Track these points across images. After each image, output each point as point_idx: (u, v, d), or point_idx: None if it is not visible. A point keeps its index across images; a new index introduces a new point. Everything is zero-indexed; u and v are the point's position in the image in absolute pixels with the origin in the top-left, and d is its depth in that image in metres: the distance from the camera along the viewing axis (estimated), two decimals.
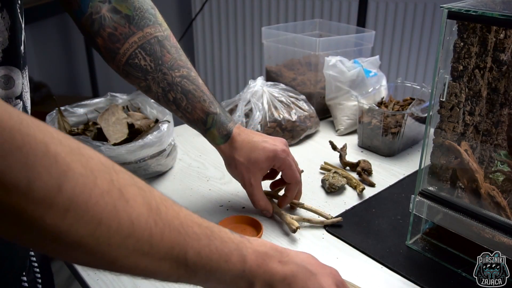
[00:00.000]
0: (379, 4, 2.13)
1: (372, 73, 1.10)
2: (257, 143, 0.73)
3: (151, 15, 0.70)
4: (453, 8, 0.58)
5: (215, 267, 0.40)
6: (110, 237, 0.33)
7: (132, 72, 0.70)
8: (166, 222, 0.37)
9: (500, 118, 0.66)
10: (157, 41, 0.70)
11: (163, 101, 0.73)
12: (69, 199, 0.31)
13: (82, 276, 0.64)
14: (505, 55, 0.62)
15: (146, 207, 0.36)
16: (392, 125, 0.98)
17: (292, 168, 0.74)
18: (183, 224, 0.39)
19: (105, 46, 0.68)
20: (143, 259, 0.36)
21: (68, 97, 2.45)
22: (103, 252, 0.34)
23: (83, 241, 0.32)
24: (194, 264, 0.39)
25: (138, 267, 0.36)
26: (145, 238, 0.35)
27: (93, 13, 0.66)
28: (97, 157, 0.34)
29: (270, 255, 0.45)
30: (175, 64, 0.71)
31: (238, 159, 0.73)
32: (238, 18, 2.38)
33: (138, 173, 0.85)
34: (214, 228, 0.42)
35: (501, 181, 0.67)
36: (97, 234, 0.33)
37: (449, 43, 0.62)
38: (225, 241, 0.42)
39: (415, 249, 0.70)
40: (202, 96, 0.72)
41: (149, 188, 0.38)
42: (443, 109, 0.64)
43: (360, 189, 0.84)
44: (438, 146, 0.66)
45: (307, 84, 1.18)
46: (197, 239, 0.39)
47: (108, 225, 0.33)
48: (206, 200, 0.83)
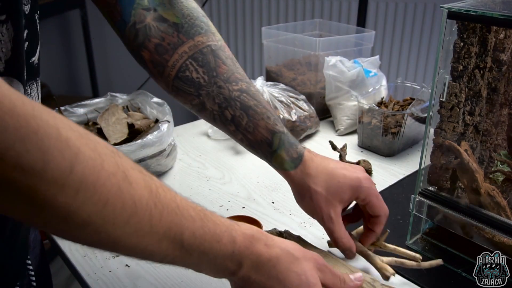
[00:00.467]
0: (379, 4, 2.13)
1: (372, 73, 1.10)
2: (336, 170, 0.62)
3: (202, 22, 0.62)
4: (453, 8, 0.58)
5: (208, 248, 0.42)
6: (115, 216, 0.35)
7: (182, 88, 0.61)
8: (165, 204, 0.39)
9: (500, 118, 0.66)
10: (210, 50, 0.61)
11: (219, 121, 0.63)
12: (80, 180, 0.33)
13: (82, 276, 0.64)
14: (505, 55, 0.62)
15: (147, 189, 0.38)
16: (392, 125, 0.98)
17: (379, 198, 0.63)
18: (179, 206, 0.41)
19: (152, 60, 0.61)
20: (144, 239, 0.38)
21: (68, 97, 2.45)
22: (108, 232, 0.36)
23: (91, 220, 0.34)
24: (189, 245, 0.41)
25: (139, 247, 0.38)
26: (146, 219, 0.37)
27: (137, 23, 0.59)
28: (103, 142, 0.36)
29: (257, 237, 0.47)
30: (232, 76, 0.62)
31: (315, 189, 0.62)
32: (238, 18, 2.38)
33: None
34: (206, 211, 0.44)
35: (501, 181, 0.67)
36: (104, 213, 0.35)
37: (449, 43, 0.62)
38: (217, 223, 0.44)
39: (415, 249, 0.70)
40: (265, 113, 0.62)
41: (148, 173, 0.40)
42: (443, 109, 0.64)
43: None
44: (438, 146, 0.66)
45: (307, 84, 1.18)
46: (192, 220, 0.41)
47: (113, 205, 0.35)
48: (206, 200, 0.83)
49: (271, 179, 0.90)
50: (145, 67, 0.63)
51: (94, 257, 0.68)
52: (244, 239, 0.45)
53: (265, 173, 0.92)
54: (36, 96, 0.53)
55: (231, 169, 0.94)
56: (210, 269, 0.45)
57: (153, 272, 0.65)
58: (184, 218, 0.41)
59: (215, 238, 0.43)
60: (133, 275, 0.64)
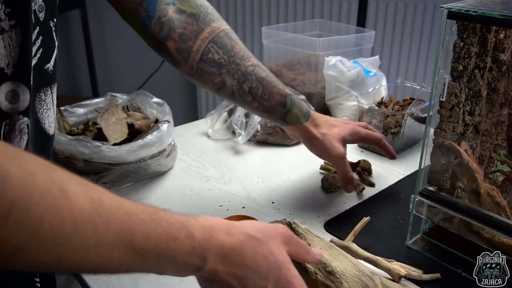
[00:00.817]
0: (379, 4, 2.13)
1: (372, 73, 1.10)
2: (335, 122, 0.80)
3: (212, 10, 0.72)
4: (453, 8, 0.58)
5: (165, 249, 0.40)
6: (53, 236, 0.33)
7: (206, 69, 0.71)
8: (110, 213, 0.37)
9: (500, 118, 0.66)
10: (225, 34, 0.71)
11: (238, 95, 0.73)
12: (9, 205, 0.30)
13: (82, 276, 0.64)
14: (505, 55, 0.62)
15: (88, 200, 0.35)
16: (392, 125, 0.98)
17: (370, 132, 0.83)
18: (127, 212, 0.38)
19: (177, 48, 0.69)
20: (90, 253, 0.36)
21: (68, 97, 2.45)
22: (48, 253, 0.33)
23: (26, 244, 0.32)
24: (143, 249, 0.39)
25: (87, 262, 0.36)
26: (90, 231, 0.35)
27: (161, 17, 0.67)
28: (34, 158, 0.34)
29: (217, 228, 0.45)
30: (245, 54, 0.73)
31: (325, 132, 0.77)
32: (238, 18, 2.38)
33: (138, 173, 0.85)
34: (159, 211, 0.42)
35: (501, 181, 0.67)
36: (40, 234, 0.32)
37: (449, 43, 0.62)
38: (171, 222, 0.42)
39: (415, 249, 0.70)
40: (275, 81, 0.75)
41: (90, 183, 0.37)
42: (443, 109, 0.64)
43: (360, 189, 0.84)
44: (438, 146, 0.66)
45: (307, 84, 1.18)
46: (143, 224, 0.39)
47: (50, 223, 0.32)
48: (206, 200, 0.83)
49: (271, 179, 0.90)
50: (169, 55, 0.70)
51: None
52: (204, 232, 0.43)
53: (265, 173, 0.92)
54: (50, 103, 0.54)
55: (231, 169, 0.94)
56: (172, 269, 0.43)
57: None
58: (134, 222, 0.38)
59: (171, 237, 0.41)
60: (133, 275, 0.64)
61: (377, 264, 0.63)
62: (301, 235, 0.65)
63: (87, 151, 0.78)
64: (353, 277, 0.58)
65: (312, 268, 0.60)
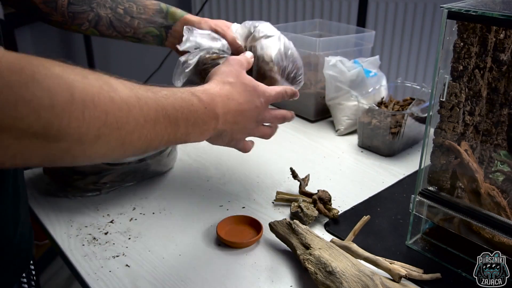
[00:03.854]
0: (379, 4, 2.13)
1: (372, 73, 1.10)
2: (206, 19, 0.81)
3: None
4: (453, 8, 0.58)
5: (187, 113, 0.51)
6: (116, 121, 0.41)
7: (77, 9, 0.74)
8: (143, 95, 0.45)
9: (500, 118, 0.66)
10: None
11: (116, 20, 0.76)
12: (82, 103, 0.38)
13: (82, 276, 0.64)
14: (505, 55, 0.62)
15: (128, 89, 0.44)
16: (392, 125, 0.98)
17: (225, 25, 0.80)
18: (153, 91, 0.48)
19: (44, 1, 0.72)
20: (143, 130, 0.45)
21: None
22: (115, 137, 0.42)
23: (100, 132, 0.40)
24: (175, 118, 0.49)
25: (141, 139, 0.45)
26: (138, 112, 0.44)
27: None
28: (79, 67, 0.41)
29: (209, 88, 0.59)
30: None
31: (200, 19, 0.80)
32: (238, 18, 2.38)
33: (138, 173, 0.85)
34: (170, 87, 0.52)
35: (501, 181, 0.67)
36: (107, 123, 0.40)
37: (449, 43, 0.62)
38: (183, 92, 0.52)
39: (415, 249, 0.70)
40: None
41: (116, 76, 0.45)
42: (443, 109, 0.64)
43: (335, 212, 0.76)
44: (438, 146, 0.66)
45: (307, 84, 1.18)
46: (167, 98, 0.49)
47: (112, 112, 0.41)
48: (206, 200, 0.83)
49: (271, 179, 0.90)
50: (38, 11, 0.73)
51: (94, 257, 0.68)
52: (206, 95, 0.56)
53: (265, 173, 0.92)
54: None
55: (231, 169, 0.94)
56: (197, 133, 0.54)
57: (153, 272, 0.65)
58: (162, 98, 0.48)
59: (189, 103, 0.51)
60: (133, 275, 0.64)
61: (377, 264, 0.63)
62: (301, 235, 0.65)
63: None
64: (353, 277, 0.58)
65: (312, 268, 0.60)
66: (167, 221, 0.77)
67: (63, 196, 0.82)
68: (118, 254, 0.69)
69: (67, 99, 0.36)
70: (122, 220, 0.77)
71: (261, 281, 0.63)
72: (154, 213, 0.79)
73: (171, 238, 0.72)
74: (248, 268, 0.66)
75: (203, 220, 0.77)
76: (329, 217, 0.76)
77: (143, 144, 0.46)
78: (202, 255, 0.68)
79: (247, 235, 0.72)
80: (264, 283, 0.63)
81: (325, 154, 1.00)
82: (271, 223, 0.69)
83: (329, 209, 0.76)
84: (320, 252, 0.61)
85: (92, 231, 0.74)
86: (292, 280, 0.63)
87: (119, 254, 0.69)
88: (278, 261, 0.67)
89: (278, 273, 0.65)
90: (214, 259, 0.68)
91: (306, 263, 0.61)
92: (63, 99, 0.36)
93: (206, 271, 0.65)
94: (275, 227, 0.69)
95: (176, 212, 0.79)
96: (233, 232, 0.72)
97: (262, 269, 0.66)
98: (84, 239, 0.72)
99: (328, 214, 0.76)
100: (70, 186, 0.81)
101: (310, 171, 0.90)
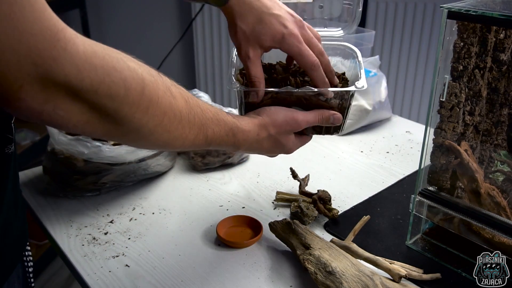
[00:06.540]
0: (379, 4, 2.13)
1: (372, 73, 1.10)
2: (265, 16, 0.63)
3: None
4: (453, 8, 0.58)
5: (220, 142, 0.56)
6: (170, 124, 0.47)
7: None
8: (193, 110, 0.50)
9: (500, 118, 0.66)
10: None
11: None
12: (149, 99, 0.43)
13: (82, 276, 0.64)
14: (505, 55, 0.62)
15: (184, 100, 0.49)
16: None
17: (303, 55, 0.63)
18: (202, 109, 0.52)
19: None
20: (186, 139, 0.50)
21: None
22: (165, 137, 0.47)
23: (155, 130, 0.45)
24: (211, 139, 0.54)
25: (180, 144, 0.51)
26: (186, 123, 0.49)
27: None
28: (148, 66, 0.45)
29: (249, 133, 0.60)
30: None
31: (240, 26, 0.63)
32: None
33: (138, 173, 0.85)
34: (218, 113, 0.55)
35: (501, 181, 0.67)
36: (163, 123, 0.46)
37: (449, 43, 0.62)
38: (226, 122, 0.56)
39: (415, 249, 0.70)
40: None
41: (178, 85, 0.50)
42: (443, 109, 0.64)
43: (335, 213, 0.76)
44: (438, 146, 0.66)
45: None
46: (211, 121, 0.53)
47: (169, 116, 0.46)
48: (206, 200, 0.83)
49: (271, 179, 0.90)
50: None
51: (94, 257, 0.68)
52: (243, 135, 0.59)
53: (265, 173, 0.92)
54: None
55: (231, 169, 0.94)
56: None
57: (153, 272, 0.65)
58: (207, 120, 0.53)
59: (224, 135, 0.56)
60: (133, 275, 0.64)
61: (377, 264, 0.63)
62: (301, 235, 0.65)
63: (87, 151, 0.78)
64: (353, 277, 0.58)
65: (312, 268, 0.60)
66: (167, 221, 0.77)
67: (63, 196, 0.82)
68: (118, 254, 0.69)
69: (138, 93, 0.42)
70: (122, 220, 0.77)
71: (261, 281, 0.63)
72: (154, 213, 0.79)
73: (171, 238, 0.72)
74: (248, 268, 0.66)
75: (203, 220, 0.77)
76: (329, 217, 0.76)
77: (178, 148, 0.52)
78: (202, 255, 0.68)
79: (247, 235, 0.72)
80: (264, 283, 0.63)
81: (325, 154, 1.00)
82: (271, 223, 0.69)
83: (329, 209, 0.76)
84: (320, 252, 0.61)
85: (92, 231, 0.74)
86: (292, 280, 0.63)
87: (119, 254, 0.69)
88: (278, 261, 0.67)
89: (278, 273, 0.65)
90: (214, 259, 0.68)
91: (306, 263, 0.61)
92: (135, 92, 0.41)
93: (205, 271, 0.65)
94: (275, 227, 0.69)
95: (176, 212, 0.79)
96: (233, 232, 0.72)
97: (262, 269, 0.66)
98: (84, 239, 0.72)
99: (328, 214, 0.76)
100: (70, 186, 0.81)
101: (310, 171, 0.90)
